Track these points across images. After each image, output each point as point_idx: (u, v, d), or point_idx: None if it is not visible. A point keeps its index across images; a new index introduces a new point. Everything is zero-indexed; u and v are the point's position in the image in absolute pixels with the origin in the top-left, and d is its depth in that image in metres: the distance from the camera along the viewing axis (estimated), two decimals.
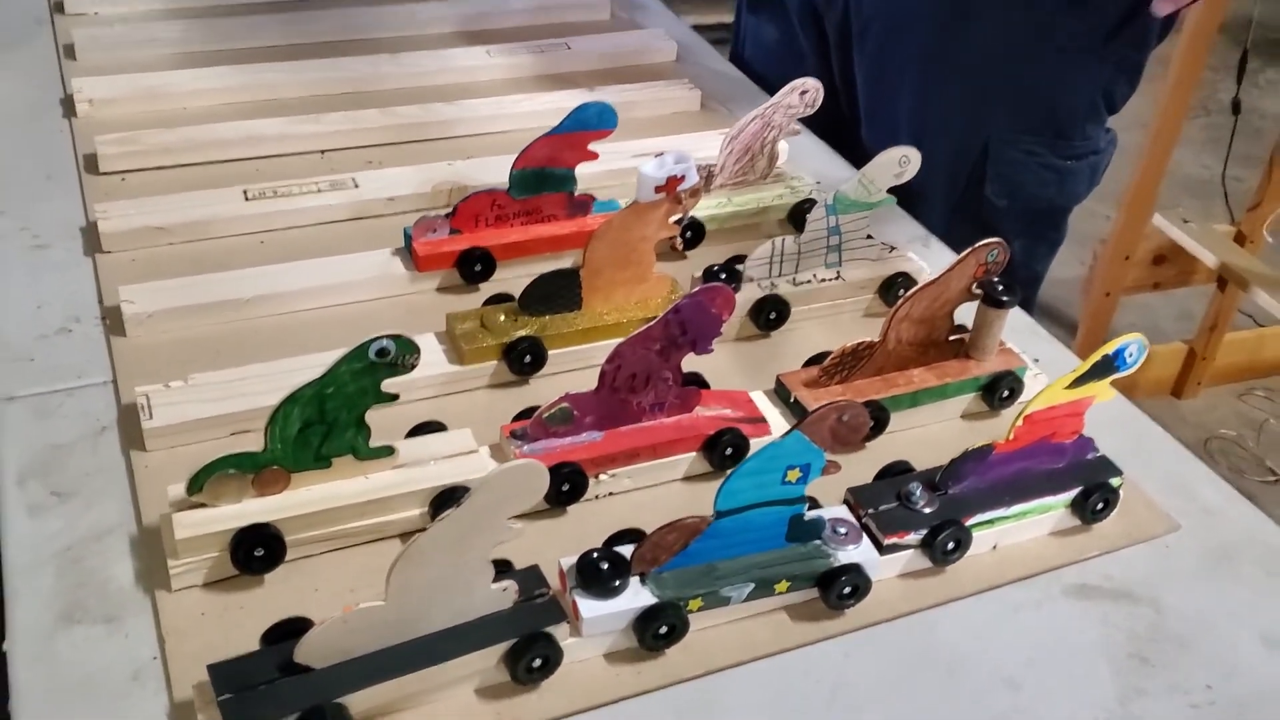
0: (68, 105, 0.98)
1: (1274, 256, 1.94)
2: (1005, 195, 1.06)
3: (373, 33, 1.14)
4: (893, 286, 0.81)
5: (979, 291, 0.71)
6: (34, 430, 0.67)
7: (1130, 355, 0.61)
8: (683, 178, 0.72)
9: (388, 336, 0.58)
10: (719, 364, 0.73)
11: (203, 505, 0.59)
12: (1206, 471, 0.73)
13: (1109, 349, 0.61)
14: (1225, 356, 2.10)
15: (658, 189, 0.72)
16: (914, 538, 0.61)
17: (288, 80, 1.03)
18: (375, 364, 0.58)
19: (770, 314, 0.78)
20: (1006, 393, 0.73)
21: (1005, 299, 0.70)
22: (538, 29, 1.19)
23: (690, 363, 0.66)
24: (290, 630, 0.53)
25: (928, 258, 0.86)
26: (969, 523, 0.62)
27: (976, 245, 0.69)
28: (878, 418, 0.70)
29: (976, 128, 1.03)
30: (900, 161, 0.77)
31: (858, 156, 0.97)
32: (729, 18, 1.28)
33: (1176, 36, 1.67)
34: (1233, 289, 1.87)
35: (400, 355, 0.59)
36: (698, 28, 1.26)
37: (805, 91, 0.85)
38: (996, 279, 0.70)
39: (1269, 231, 1.81)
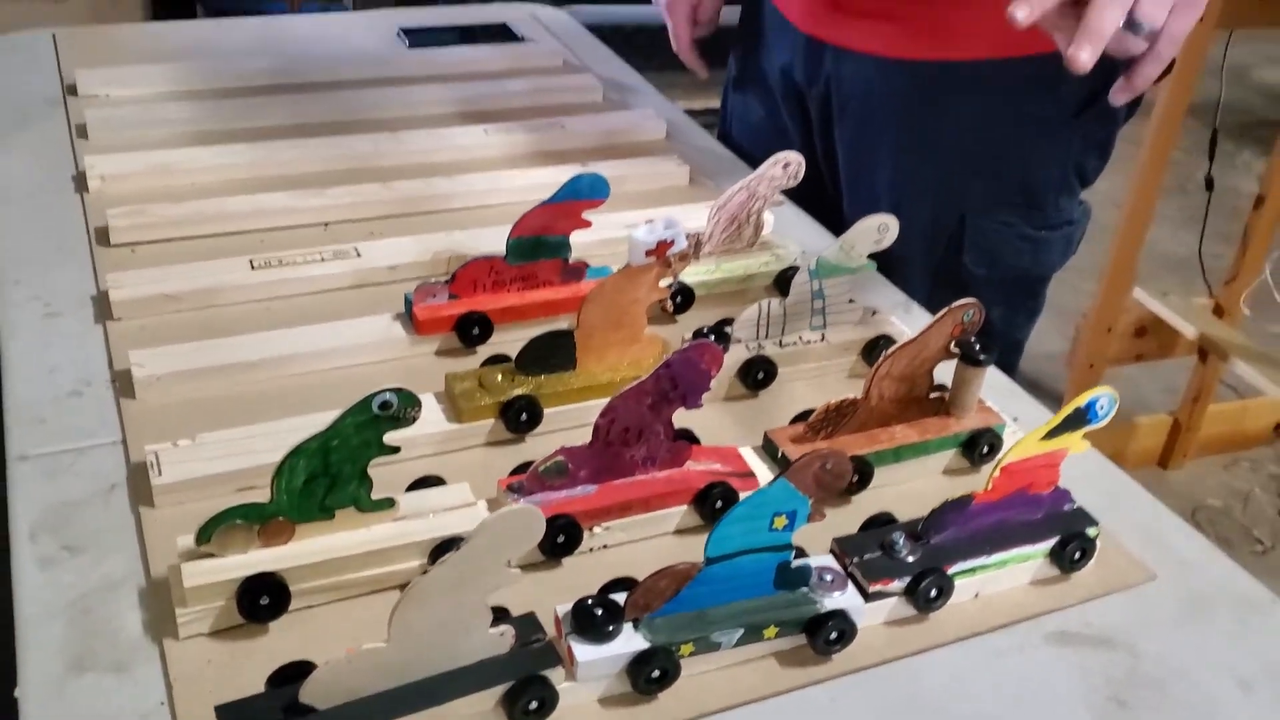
0: (80, 181, 1.01)
1: (1252, 328, 1.98)
2: (983, 264, 1.10)
3: (374, 113, 1.18)
4: (875, 348, 0.84)
5: (956, 350, 0.74)
6: (46, 488, 0.69)
7: (1101, 408, 0.64)
8: (672, 242, 0.75)
9: (390, 390, 0.61)
10: (709, 421, 0.75)
11: (210, 556, 0.61)
12: (1181, 524, 0.75)
13: (1080, 402, 0.63)
14: (1210, 428, 2.13)
15: (648, 253, 0.75)
16: (898, 585, 0.64)
17: (292, 157, 1.07)
18: (378, 417, 0.61)
19: (758, 374, 0.81)
20: (986, 449, 0.76)
21: (982, 357, 0.73)
22: (533, 110, 1.23)
23: (681, 419, 0.69)
24: (295, 673, 0.55)
25: (909, 322, 0.89)
26: (951, 571, 0.64)
27: (953, 306, 0.72)
28: (862, 472, 0.72)
29: (953, 200, 1.07)
30: (879, 229, 0.81)
31: (840, 228, 1.01)
32: (716, 102, 1.32)
33: (1147, 118, 1.73)
34: (1214, 360, 1.91)
35: (402, 408, 0.61)
36: (687, 112, 1.30)
37: (788, 164, 0.89)
38: (973, 338, 0.74)
39: (1246, 304, 1.85)
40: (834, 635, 0.61)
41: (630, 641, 0.58)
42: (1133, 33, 0.77)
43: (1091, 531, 0.68)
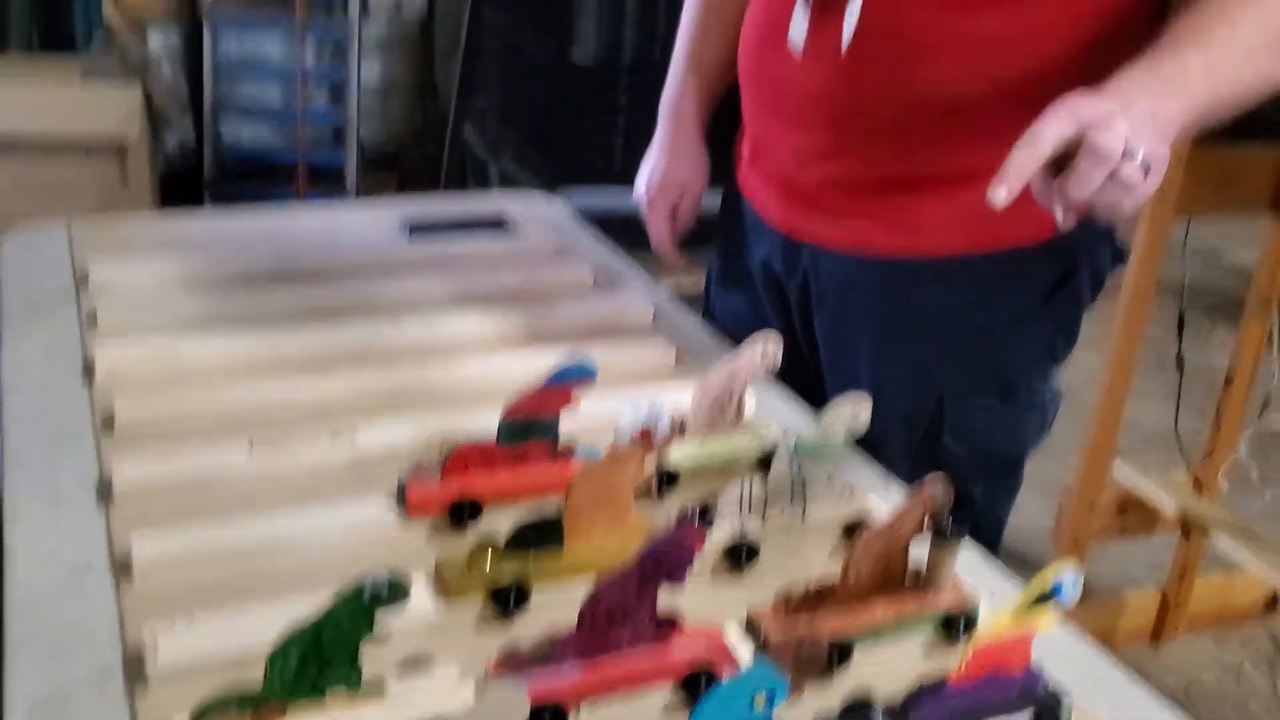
0: (88, 369, 1.05)
1: (1231, 503, 2.01)
2: (963, 445, 1.13)
3: (375, 300, 1.23)
4: (855, 527, 0.87)
5: (929, 529, 0.76)
6: (43, 670, 0.70)
7: (1067, 586, 0.66)
8: (656, 425, 0.79)
9: (381, 575, 0.63)
10: (694, 601, 0.77)
11: None
12: (1150, 696, 0.76)
13: (1045, 580, 0.66)
14: (1199, 603, 2.13)
15: (633, 436, 0.79)
16: None
17: (294, 343, 1.11)
18: (370, 601, 0.63)
19: (741, 553, 0.83)
20: (962, 626, 0.77)
21: (953, 536, 0.76)
22: (527, 295, 1.28)
23: (666, 599, 0.71)
24: None
25: (888, 500, 0.92)
26: None
27: (922, 485, 0.76)
28: (841, 650, 0.74)
29: (930, 384, 1.11)
30: (853, 411, 0.84)
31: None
32: (702, 281, 1.38)
33: (1117, 299, 1.79)
34: (1197, 535, 1.93)
35: (392, 593, 0.64)
36: (675, 292, 1.36)
37: (766, 348, 0.94)
38: (944, 517, 0.76)
39: (1223, 479, 1.89)
40: None
41: None
42: (1131, 160, 0.79)
43: (1064, 708, 0.69)
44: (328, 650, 0.63)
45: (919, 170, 1.06)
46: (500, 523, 0.83)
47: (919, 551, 0.78)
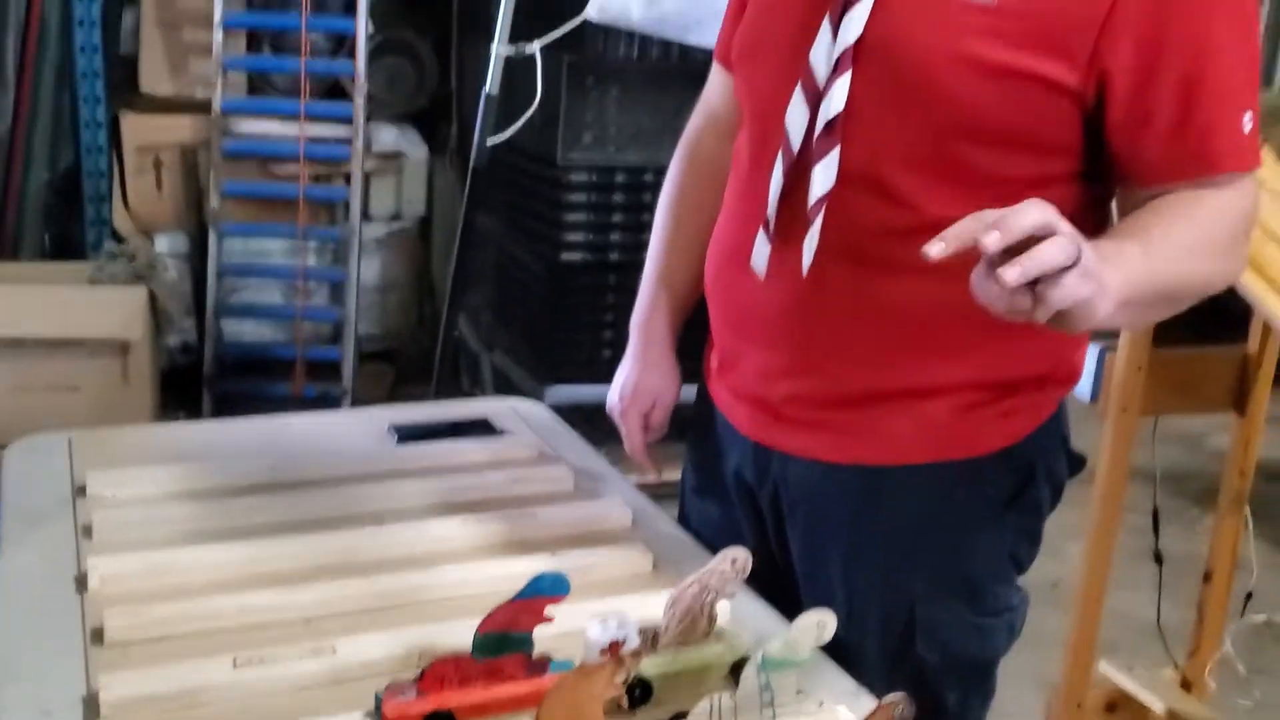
0: (81, 582, 1.08)
1: (1219, 702, 2.00)
2: (935, 651, 1.15)
3: (361, 508, 1.26)
4: None
5: None
6: None
7: None
8: (625, 640, 0.82)
9: None
10: None
11: None
12: None
13: None
14: None
15: (602, 651, 0.81)
16: None
17: (281, 554, 1.14)
18: None
19: None
20: None
21: None
22: (509, 500, 1.31)
23: None
24: None
25: (857, 710, 0.94)
26: None
27: (883, 701, 0.78)
28: None
29: (901, 591, 1.14)
30: (818, 625, 0.87)
31: (799, 614, 1.07)
32: (678, 474, 1.42)
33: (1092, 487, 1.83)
34: None
35: None
36: (658, 484, 1.39)
37: (736, 559, 0.97)
38: None
39: (1211, 677, 1.88)
40: None
41: None
42: (1064, 235, 0.82)
43: None
44: None
45: (881, 385, 1.11)
46: None
47: None
